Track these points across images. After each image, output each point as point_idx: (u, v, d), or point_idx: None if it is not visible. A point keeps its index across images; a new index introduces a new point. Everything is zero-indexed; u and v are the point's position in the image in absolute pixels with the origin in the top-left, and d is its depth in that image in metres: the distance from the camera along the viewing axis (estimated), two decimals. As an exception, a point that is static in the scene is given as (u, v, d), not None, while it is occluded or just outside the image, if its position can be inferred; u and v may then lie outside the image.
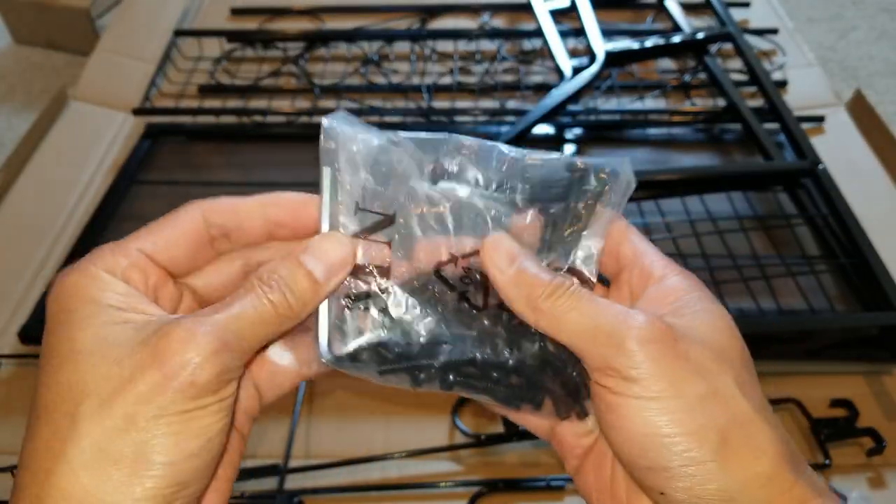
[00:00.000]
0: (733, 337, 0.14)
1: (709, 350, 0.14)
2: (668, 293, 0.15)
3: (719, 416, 0.13)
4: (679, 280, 0.15)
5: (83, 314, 0.13)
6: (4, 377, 0.39)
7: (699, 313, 0.14)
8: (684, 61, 0.59)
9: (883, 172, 0.51)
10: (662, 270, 0.15)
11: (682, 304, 0.14)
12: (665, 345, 0.13)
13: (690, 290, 0.15)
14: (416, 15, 0.66)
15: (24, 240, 0.47)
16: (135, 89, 0.58)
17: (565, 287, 0.14)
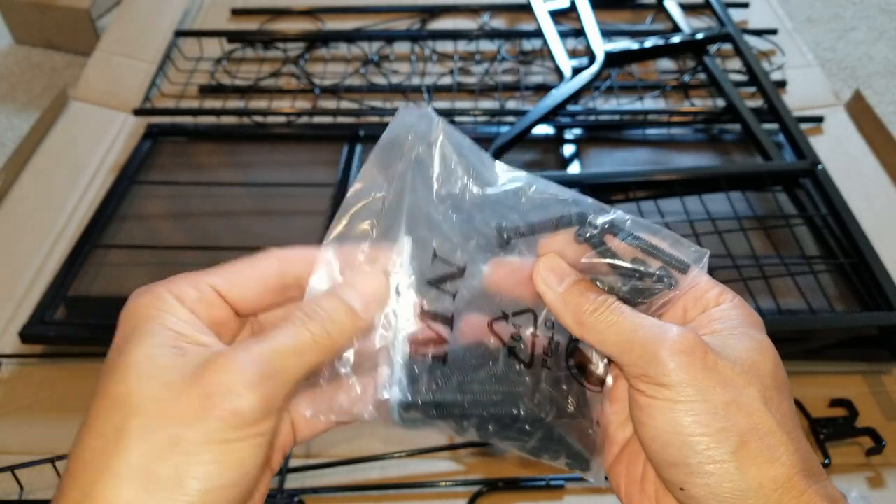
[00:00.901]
0: (767, 359, 0.15)
1: (738, 366, 0.15)
2: (716, 318, 0.16)
3: (741, 422, 0.14)
4: (728, 308, 0.16)
5: (143, 332, 0.14)
6: (5, 377, 0.39)
7: (737, 336, 0.15)
8: (684, 62, 0.60)
9: (882, 172, 0.51)
10: (716, 299, 0.16)
11: (724, 326, 0.16)
12: (694, 356, 0.15)
13: (736, 318, 0.16)
14: (416, 15, 0.66)
15: (24, 240, 0.47)
16: (135, 90, 0.58)
17: (608, 304, 0.16)
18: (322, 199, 0.48)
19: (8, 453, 0.35)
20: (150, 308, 0.14)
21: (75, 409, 0.37)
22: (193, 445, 0.13)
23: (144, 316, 0.14)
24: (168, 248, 0.45)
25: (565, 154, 0.51)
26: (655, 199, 0.42)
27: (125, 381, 0.14)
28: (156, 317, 0.14)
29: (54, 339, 0.40)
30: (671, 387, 0.14)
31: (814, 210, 0.42)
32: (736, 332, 0.15)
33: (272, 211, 0.48)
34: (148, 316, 0.14)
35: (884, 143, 0.52)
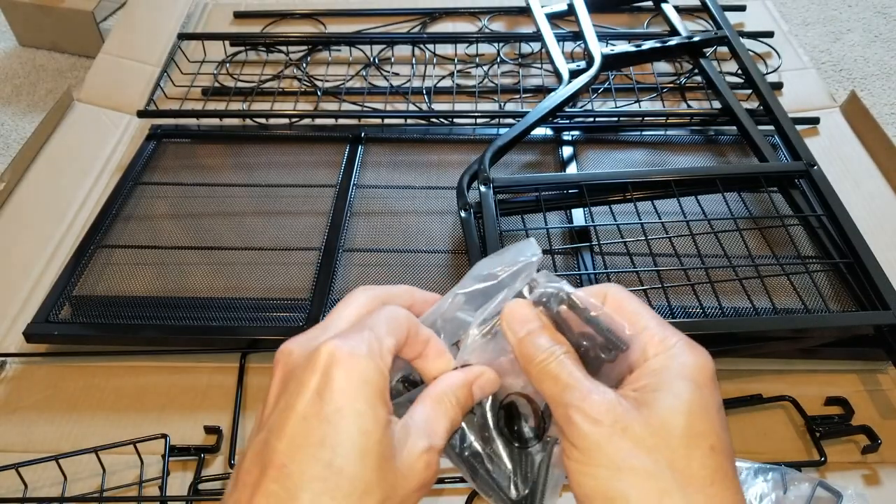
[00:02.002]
0: (681, 416, 0.15)
1: (649, 428, 0.15)
2: (649, 371, 0.16)
3: (634, 487, 0.15)
4: (663, 359, 0.16)
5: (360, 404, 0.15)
6: (10, 376, 0.40)
7: (660, 392, 0.16)
8: (680, 64, 0.60)
9: (877, 173, 0.51)
10: (656, 348, 0.17)
11: (650, 382, 0.16)
12: (603, 424, 0.15)
13: (668, 370, 0.16)
14: (417, 19, 0.67)
15: (29, 240, 0.47)
16: (139, 92, 0.59)
17: (555, 356, 0.16)
18: (324, 199, 0.48)
19: (12, 451, 0.36)
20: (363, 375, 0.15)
21: (79, 408, 0.38)
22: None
23: (358, 382, 0.15)
24: (171, 248, 0.45)
25: (564, 155, 0.51)
26: (652, 200, 0.43)
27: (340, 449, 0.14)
28: (369, 390, 0.15)
29: (58, 338, 0.40)
30: (582, 450, 0.15)
31: (809, 210, 0.43)
32: (661, 388, 0.16)
33: (274, 212, 0.48)
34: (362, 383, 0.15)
35: (879, 144, 0.52)
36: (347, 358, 0.15)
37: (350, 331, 0.16)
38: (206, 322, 0.40)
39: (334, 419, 0.14)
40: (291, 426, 0.14)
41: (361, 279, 0.43)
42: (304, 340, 0.16)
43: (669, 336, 0.17)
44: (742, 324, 0.37)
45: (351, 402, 0.14)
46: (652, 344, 0.17)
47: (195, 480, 0.34)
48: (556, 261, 0.42)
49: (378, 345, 0.16)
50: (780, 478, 0.32)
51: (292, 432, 0.14)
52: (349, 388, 0.14)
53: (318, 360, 0.15)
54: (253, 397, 0.38)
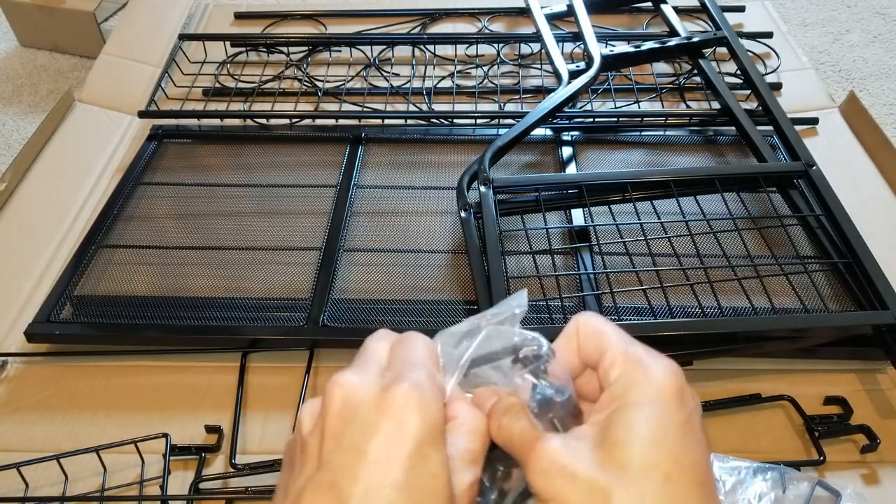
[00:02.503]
0: (640, 451, 0.15)
1: (599, 465, 0.15)
2: (606, 399, 0.16)
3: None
4: (616, 385, 0.16)
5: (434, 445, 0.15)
6: (11, 375, 0.40)
7: (613, 421, 0.15)
8: (679, 65, 0.60)
9: (876, 173, 0.52)
10: (617, 373, 0.16)
11: (605, 413, 0.16)
12: (553, 476, 0.15)
13: (622, 395, 0.16)
14: (417, 19, 0.67)
15: (30, 240, 0.47)
16: (140, 92, 0.59)
17: (513, 410, 0.16)
18: (324, 200, 0.49)
19: (13, 451, 0.36)
20: (433, 419, 0.15)
21: (80, 408, 0.38)
22: None
23: (429, 427, 0.15)
24: (172, 249, 0.45)
25: (563, 156, 0.51)
26: (652, 200, 0.43)
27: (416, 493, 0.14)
28: (437, 433, 0.15)
29: (60, 338, 0.40)
30: (544, 501, 0.15)
31: (808, 210, 0.43)
32: (615, 418, 0.15)
33: (275, 212, 0.48)
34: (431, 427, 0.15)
35: (878, 145, 0.52)
36: (419, 405, 0.15)
37: (407, 368, 0.16)
38: (207, 322, 0.40)
39: (408, 465, 0.14)
40: (365, 472, 0.14)
41: (361, 279, 0.43)
42: (362, 377, 0.16)
43: (630, 356, 0.16)
44: (741, 324, 0.37)
45: (423, 448, 0.14)
46: (613, 367, 0.16)
47: (196, 480, 0.34)
48: (556, 261, 0.43)
49: (435, 385, 0.16)
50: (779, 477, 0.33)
51: (366, 478, 0.14)
52: (422, 434, 0.15)
53: (391, 403, 0.15)
54: (253, 397, 0.38)
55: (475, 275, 0.38)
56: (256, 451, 0.36)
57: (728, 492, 0.32)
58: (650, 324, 0.37)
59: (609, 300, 0.39)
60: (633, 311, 0.40)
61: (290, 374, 0.39)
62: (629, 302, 0.40)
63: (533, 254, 0.40)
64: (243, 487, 0.34)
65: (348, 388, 0.16)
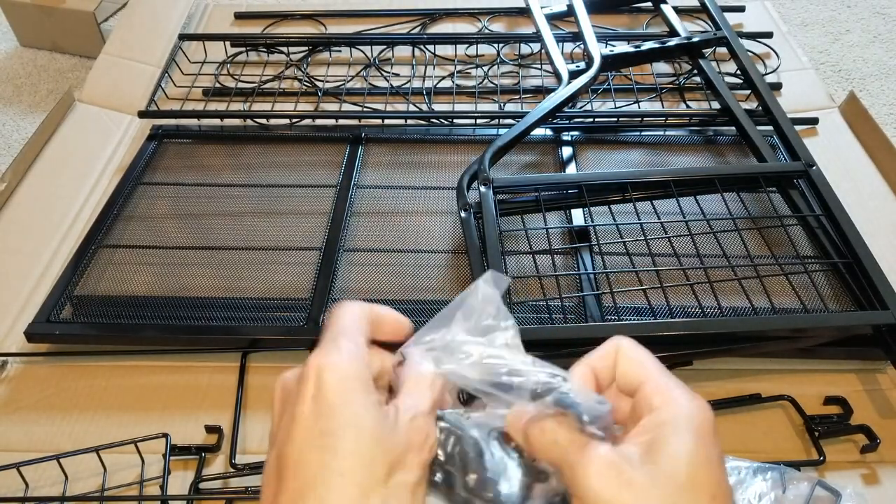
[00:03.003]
0: (681, 466, 0.16)
1: (652, 477, 0.16)
2: (651, 424, 0.17)
3: None
4: (662, 413, 0.17)
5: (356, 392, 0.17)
6: (11, 375, 0.40)
7: (658, 444, 0.17)
8: (679, 65, 0.60)
9: (876, 173, 0.52)
10: (660, 401, 0.17)
11: (660, 436, 0.17)
12: (609, 479, 0.16)
13: (667, 424, 0.17)
14: (417, 20, 0.67)
15: (30, 240, 0.47)
16: (140, 92, 0.59)
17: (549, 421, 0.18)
18: (324, 200, 0.49)
19: (13, 451, 0.36)
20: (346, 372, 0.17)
21: (80, 408, 0.38)
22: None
23: (343, 379, 0.17)
24: (172, 248, 0.45)
25: (563, 156, 0.51)
26: (651, 200, 0.43)
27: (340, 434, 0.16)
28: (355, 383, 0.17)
29: (60, 338, 0.40)
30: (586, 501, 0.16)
31: (808, 210, 0.43)
32: (664, 440, 0.16)
33: (275, 212, 0.48)
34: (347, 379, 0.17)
35: (878, 145, 0.52)
36: (332, 364, 0.17)
37: (326, 343, 0.18)
38: (207, 322, 0.40)
39: (330, 412, 0.16)
40: (297, 431, 0.16)
41: (361, 279, 0.43)
42: (295, 369, 0.18)
43: (672, 388, 0.18)
44: (741, 324, 0.37)
45: (341, 395, 0.16)
46: (655, 395, 0.18)
47: (196, 480, 0.34)
48: (556, 261, 0.43)
49: (355, 346, 0.18)
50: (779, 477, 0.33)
51: (299, 436, 0.16)
52: (338, 385, 0.17)
53: (308, 372, 0.17)
54: (254, 397, 0.38)
55: (475, 275, 0.38)
56: (256, 451, 0.36)
57: (728, 492, 0.32)
58: (650, 324, 0.37)
59: (609, 300, 0.39)
60: (633, 311, 0.40)
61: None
62: (629, 302, 0.40)
63: (533, 254, 0.40)
64: (243, 487, 0.34)
65: (281, 381, 0.18)
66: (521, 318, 0.39)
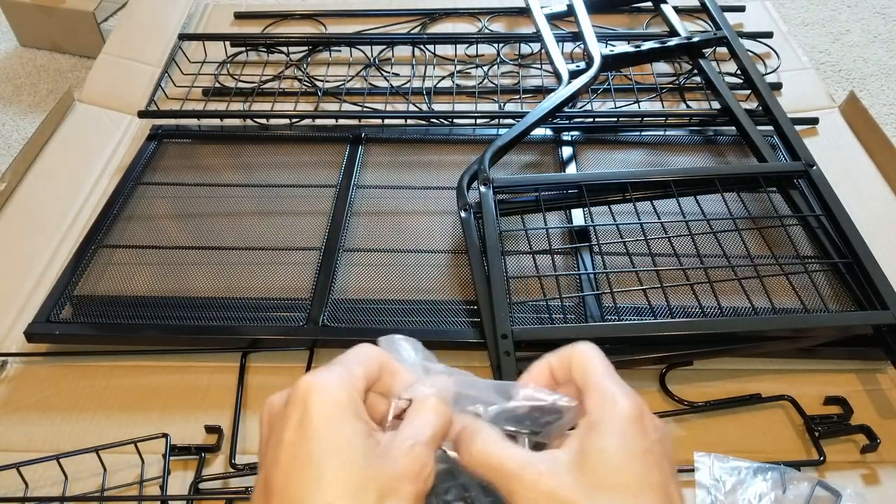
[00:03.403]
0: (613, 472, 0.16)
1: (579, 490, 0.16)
2: (586, 431, 0.18)
3: None
4: (596, 418, 0.18)
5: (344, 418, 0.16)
6: (11, 376, 0.40)
7: (589, 453, 0.17)
8: (680, 65, 0.60)
9: (876, 173, 0.52)
10: (593, 403, 0.18)
11: (586, 443, 0.17)
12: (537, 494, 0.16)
13: (598, 431, 0.17)
14: (417, 19, 0.67)
15: (30, 240, 0.47)
16: (140, 92, 0.59)
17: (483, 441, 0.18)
18: (324, 200, 0.49)
19: (13, 451, 0.36)
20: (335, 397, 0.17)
21: (80, 408, 0.38)
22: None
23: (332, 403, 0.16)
24: (172, 249, 0.45)
25: (563, 156, 0.51)
26: (652, 200, 0.43)
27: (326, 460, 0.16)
28: (344, 409, 0.17)
29: (59, 338, 0.40)
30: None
31: (808, 210, 0.43)
32: (588, 444, 0.17)
33: (275, 212, 0.48)
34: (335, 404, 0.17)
35: (878, 145, 0.52)
36: (320, 388, 0.17)
37: (322, 367, 0.18)
38: (207, 322, 0.40)
39: (316, 437, 0.16)
40: (283, 456, 0.16)
41: (361, 279, 0.43)
42: (283, 391, 0.18)
43: (607, 388, 0.18)
44: (741, 324, 0.37)
45: (328, 420, 0.16)
46: (592, 396, 0.18)
47: (196, 480, 0.34)
48: (556, 261, 0.43)
49: (347, 373, 0.17)
50: (780, 477, 0.33)
51: (285, 460, 0.16)
52: (325, 409, 0.16)
53: (296, 395, 0.17)
54: (253, 397, 0.38)
55: (475, 275, 0.38)
56: (256, 452, 0.36)
57: (728, 492, 0.32)
58: (650, 324, 0.37)
59: (609, 300, 0.39)
60: (633, 311, 0.40)
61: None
62: (629, 302, 0.40)
63: (533, 254, 0.40)
64: (243, 487, 0.34)
65: (268, 404, 0.18)
66: (521, 318, 0.39)
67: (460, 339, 0.39)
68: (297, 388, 0.17)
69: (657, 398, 0.37)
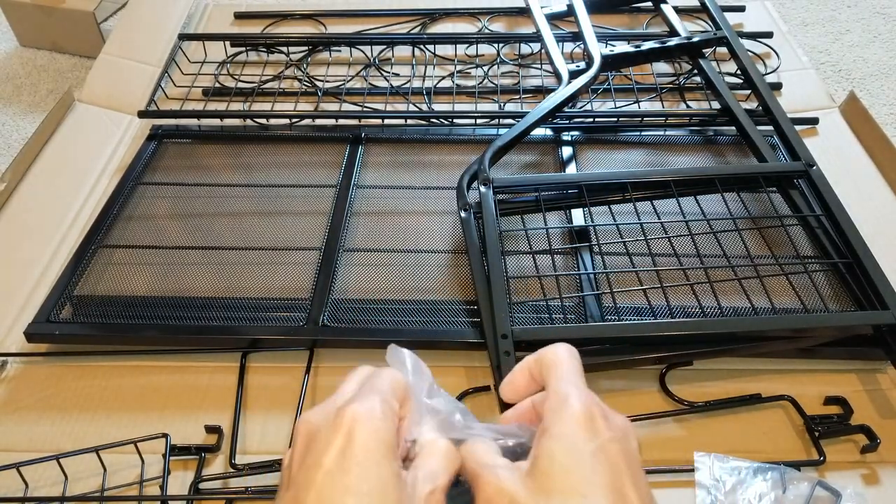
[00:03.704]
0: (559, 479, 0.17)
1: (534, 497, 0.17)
2: (539, 437, 0.18)
3: None
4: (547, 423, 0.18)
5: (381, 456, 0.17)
6: (11, 376, 0.40)
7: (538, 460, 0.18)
8: (679, 65, 0.60)
9: (876, 173, 0.52)
10: (547, 407, 0.19)
11: (538, 449, 0.18)
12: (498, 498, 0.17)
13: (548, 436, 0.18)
14: (417, 19, 0.67)
15: (30, 240, 0.47)
16: (140, 92, 0.59)
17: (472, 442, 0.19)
18: (324, 200, 0.49)
19: (13, 451, 0.36)
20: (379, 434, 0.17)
21: (80, 408, 0.38)
22: None
23: (376, 440, 0.17)
24: (172, 249, 0.45)
25: (563, 156, 0.51)
26: (652, 200, 0.43)
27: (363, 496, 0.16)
28: (385, 447, 0.17)
29: (59, 338, 0.40)
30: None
31: (808, 210, 0.43)
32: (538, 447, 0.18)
33: (275, 212, 0.48)
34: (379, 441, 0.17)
35: (878, 145, 0.52)
36: (367, 420, 0.17)
37: (363, 393, 0.18)
38: (207, 322, 0.40)
39: (357, 471, 0.16)
40: (319, 480, 0.16)
41: (361, 279, 0.43)
42: (321, 409, 0.18)
43: (562, 389, 0.19)
44: (741, 324, 0.37)
45: (371, 456, 0.16)
46: (549, 400, 0.19)
47: (196, 480, 0.34)
48: (556, 261, 0.43)
49: (389, 408, 0.18)
50: (780, 477, 0.33)
51: (320, 486, 0.16)
52: (369, 444, 0.17)
53: (341, 422, 0.17)
54: (253, 397, 0.38)
55: (475, 275, 0.38)
56: (256, 452, 0.36)
57: (728, 492, 0.32)
58: (650, 324, 0.37)
59: (609, 300, 0.39)
60: (633, 311, 0.40)
61: (290, 374, 0.39)
62: (629, 302, 0.40)
63: (533, 254, 0.40)
64: (243, 487, 0.34)
65: (310, 419, 0.18)
66: (521, 318, 0.39)
67: (460, 339, 0.39)
68: (342, 415, 0.17)
69: (657, 398, 0.37)
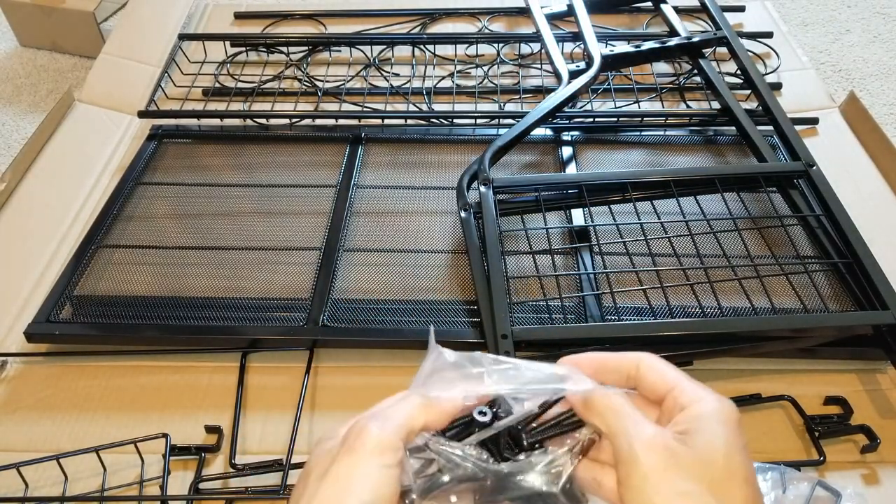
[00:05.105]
0: (726, 457, 0.18)
1: (695, 463, 0.18)
2: (688, 421, 0.19)
3: None
4: (699, 411, 0.19)
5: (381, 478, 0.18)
6: (11, 376, 0.40)
7: (704, 437, 0.18)
8: (680, 65, 0.60)
9: (876, 173, 0.52)
10: (689, 400, 0.19)
11: (695, 427, 0.19)
12: (659, 455, 0.18)
13: (706, 417, 0.19)
14: (417, 19, 0.67)
15: (30, 240, 0.47)
16: (140, 92, 0.59)
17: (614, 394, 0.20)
18: (324, 199, 0.49)
19: (13, 451, 0.36)
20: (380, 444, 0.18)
21: (80, 408, 0.38)
22: None
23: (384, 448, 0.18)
24: (172, 248, 0.45)
25: (563, 156, 0.51)
26: (651, 200, 0.43)
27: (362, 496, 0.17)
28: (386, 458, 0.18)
29: (59, 338, 0.40)
30: (640, 476, 0.18)
31: (808, 210, 0.43)
32: (700, 430, 0.18)
33: (275, 212, 0.48)
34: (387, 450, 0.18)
35: (877, 145, 0.52)
36: (375, 427, 0.18)
37: (374, 412, 0.19)
38: (207, 322, 0.40)
39: (356, 475, 0.17)
40: (324, 488, 0.17)
41: (361, 279, 0.43)
42: (332, 429, 0.20)
43: (699, 389, 0.20)
44: (741, 323, 0.37)
45: (368, 460, 0.17)
46: (684, 396, 0.20)
47: (196, 480, 0.34)
48: (556, 261, 0.43)
49: (394, 418, 0.19)
50: (780, 477, 0.33)
51: (325, 492, 0.17)
52: (367, 451, 0.18)
53: (349, 434, 0.18)
54: (253, 397, 0.38)
55: (475, 275, 0.38)
56: (256, 452, 0.36)
57: (728, 492, 0.32)
58: (650, 324, 0.37)
59: (609, 300, 0.39)
60: (633, 311, 0.40)
61: (290, 374, 0.39)
62: (629, 302, 0.40)
63: (533, 254, 0.40)
64: (243, 487, 0.34)
65: (323, 437, 0.19)
66: (521, 318, 0.39)
67: (460, 339, 0.39)
68: (350, 428, 0.18)
69: (657, 398, 0.37)
